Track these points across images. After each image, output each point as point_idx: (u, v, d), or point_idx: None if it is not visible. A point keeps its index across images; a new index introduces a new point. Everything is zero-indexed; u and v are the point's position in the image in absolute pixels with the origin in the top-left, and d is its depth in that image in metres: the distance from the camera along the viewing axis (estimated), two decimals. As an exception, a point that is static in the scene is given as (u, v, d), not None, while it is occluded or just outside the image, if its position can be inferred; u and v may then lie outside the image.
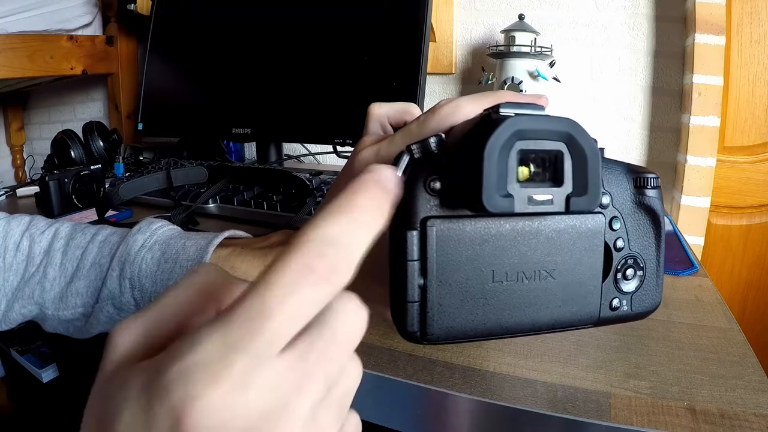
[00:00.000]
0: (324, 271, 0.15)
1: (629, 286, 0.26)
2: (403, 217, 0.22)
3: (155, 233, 0.38)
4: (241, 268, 0.34)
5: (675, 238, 0.66)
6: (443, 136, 0.23)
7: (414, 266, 0.22)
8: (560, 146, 0.21)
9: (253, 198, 0.73)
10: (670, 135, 1.03)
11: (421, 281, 0.22)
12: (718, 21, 0.90)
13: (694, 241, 0.95)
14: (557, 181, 0.21)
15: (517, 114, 0.21)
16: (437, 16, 1.11)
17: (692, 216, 0.95)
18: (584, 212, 0.23)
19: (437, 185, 0.22)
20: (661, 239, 0.26)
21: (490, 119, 0.21)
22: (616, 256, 0.25)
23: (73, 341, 0.41)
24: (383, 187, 0.18)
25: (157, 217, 0.67)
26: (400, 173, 0.22)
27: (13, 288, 0.39)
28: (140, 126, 1.11)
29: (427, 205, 0.22)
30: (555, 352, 0.39)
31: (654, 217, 0.26)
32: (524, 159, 0.21)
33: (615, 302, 0.25)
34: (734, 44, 0.99)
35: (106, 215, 0.70)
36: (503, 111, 0.21)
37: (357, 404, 0.38)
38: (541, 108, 0.22)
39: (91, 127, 1.20)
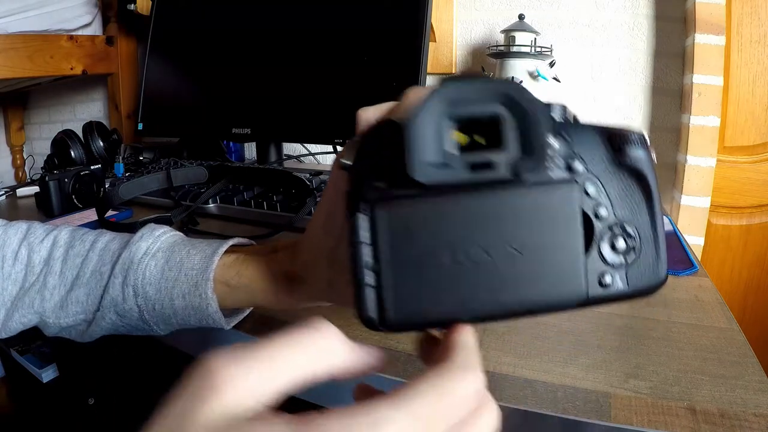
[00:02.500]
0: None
1: (621, 259, 0.23)
2: (353, 202, 0.22)
3: (158, 240, 0.37)
4: (245, 274, 0.34)
5: (675, 238, 0.66)
6: (395, 120, 0.22)
7: (366, 250, 0.21)
8: (500, 109, 0.20)
9: (253, 198, 0.73)
10: (670, 135, 1.03)
11: (375, 265, 0.21)
12: (718, 21, 0.90)
13: (694, 241, 0.95)
14: (500, 146, 0.20)
15: (450, 81, 0.20)
16: (437, 16, 1.11)
17: (692, 216, 0.95)
18: (553, 182, 0.22)
19: (385, 167, 0.21)
20: (654, 203, 0.23)
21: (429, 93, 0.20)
22: (599, 225, 0.22)
23: (74, 341, 0.41)
24: None
25: (157, 218, 0.67)
26: (351, 161, 0.22)
27: (12, 297, 0.39)
28: (140, 126, 1.11)
29: (376, 187, 0.21)
30: (555, 352, 0.39)
31: (641, 179, 0.23)
32: (464, 127, 0.20)
33: (607, 278, 0.23)
34: (734, 44, 0.99)
35: (106, 215, 0.70)
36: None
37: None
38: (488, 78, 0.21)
39: (91, 127, 1.20)
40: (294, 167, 1.03)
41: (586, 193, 0.22)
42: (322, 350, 0.19)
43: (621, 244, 0.23)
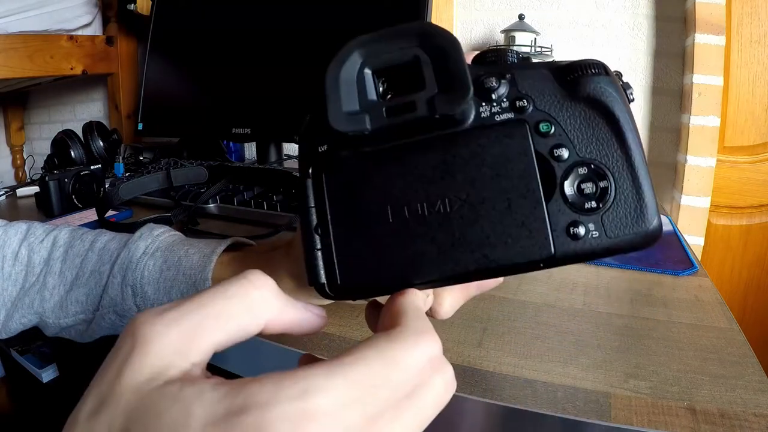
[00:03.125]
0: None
1: (592, 203, 0.20)
2: (301, 168, 0.22)
3: (157, 239, 0.37)
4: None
5: (675, 238, 0.66)
6: None
7: (312, 212, 0.21)
8: (416, 51, 0.19)
9: (253, 198, 0.73)
10: (670, 135, 1.03)
11: (320, 227, 0.21)
12: (718, 21, 0.90)
13: (694, 241, 0.95)
14: (419, 86, 0.19)
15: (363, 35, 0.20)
16: (437, 16, 1.11)
17: (692, 216, 0.95)
18: (496, 123, 0.20)
19: (325, 134, 0.21)
20: (626, 136, 0.20)
21: None
22: (559, 167, 0.20)
23: (74, 341, 0.41)
24: None
25: (157, 218, 0.67)
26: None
27: (12, 298, 0.39)
28: (140, 126, 1.11)
29: (319, 154, 0.21)
30: (555, 352, 0.39)
31: (604, 110, 0.20)
32: (383, 74, 0.20)
33: (579, 229, 0.19)
34: (734, 44, 0.99)
35: (106, 215, 0.70)
36: None
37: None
38: None
39: (91, 127, 1.20)
40: (294, 167, 1.03)
41: (539, 133, 0.20)
42: (254, 302, 0.18)
43: (590, 186, 0.20)
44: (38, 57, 1.18)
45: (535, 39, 0.97)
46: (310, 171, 0.21)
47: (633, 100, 0.21)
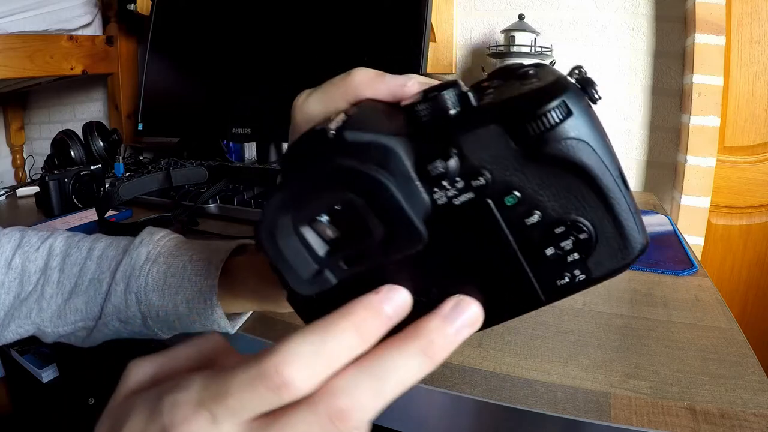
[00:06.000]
0: (275, 384, 0.17)
1: (574, 256, 0.19)
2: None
3: (158, 244, 0.37)
4: (249, 281, 0.35)
5: (675, 238, 0.66)
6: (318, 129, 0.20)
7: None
8: (348, 195, 0.17)
9: (253, 198, 0.73)
10: (670, 135, 1.03)
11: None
12: (718, 21, 0.90)
13: (694, 241, 0.95)
14: (366, 232, 0.18)
15: (283, 189, 0.18)
16: (437, 16, 1.11)
17: (692, 216, 0.95)
18: (456, 209, 0.19)
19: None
20: (603, 184, 0.18)
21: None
22: (535, 234, 0.19)
23: (74, 341, 0.41)
24: (376, 314, 0.18)
25: (157, 217, 0.67)
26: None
27: (6, 307, 0.38)
28: (140, 126, 1.11)
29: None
30: (555, 352, 0.39)
31: (572, 166, 0.18)
32: (328, 220, 0.18)
33: (565, 279, 0.20)
34: (734, 44, 0.99)
35: (106, 215, 0.70)
36: (332, 131, 0.18)
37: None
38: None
39: (91, 127, 1.20)
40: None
41: (505, 207, 0.18)
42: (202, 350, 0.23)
43: (569, 243, 0.19)
44: (38, 57, 1.18)
45: (535, 39, 0.97)
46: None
47: (599, 99, 0.19)
